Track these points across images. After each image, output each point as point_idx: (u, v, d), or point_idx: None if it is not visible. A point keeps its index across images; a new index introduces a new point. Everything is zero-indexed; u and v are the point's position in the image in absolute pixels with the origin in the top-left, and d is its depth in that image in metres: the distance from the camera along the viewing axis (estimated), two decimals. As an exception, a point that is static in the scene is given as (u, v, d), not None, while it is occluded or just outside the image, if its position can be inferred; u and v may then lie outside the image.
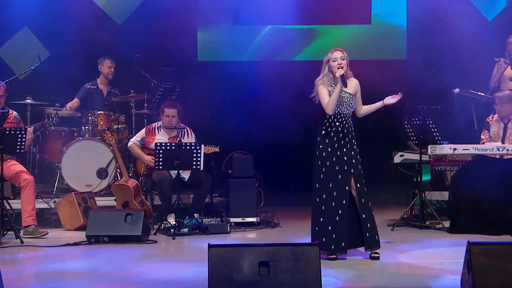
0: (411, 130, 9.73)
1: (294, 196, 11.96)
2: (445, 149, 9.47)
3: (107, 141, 10.35)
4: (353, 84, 7.74)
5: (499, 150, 9.19)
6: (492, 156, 9.34)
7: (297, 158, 12.37)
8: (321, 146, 7.69)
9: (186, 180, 9.79)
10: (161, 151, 9.26)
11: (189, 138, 10.03)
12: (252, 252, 5.63)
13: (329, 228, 7.59)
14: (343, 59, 7.65)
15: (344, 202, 7.59)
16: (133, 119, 10.98)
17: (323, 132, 7.71)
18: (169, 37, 12.28)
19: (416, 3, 12.49)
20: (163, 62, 11.93)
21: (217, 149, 9.94)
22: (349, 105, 7.68)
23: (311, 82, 12.32)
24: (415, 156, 9.90)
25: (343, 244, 7.60)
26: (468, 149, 9.41)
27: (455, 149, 9.40)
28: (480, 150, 9.32)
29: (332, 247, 7.59)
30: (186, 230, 9.22)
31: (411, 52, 12.61)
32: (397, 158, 10.10)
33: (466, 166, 9.63)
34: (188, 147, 9.29)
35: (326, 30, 12.88)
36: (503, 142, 9.36)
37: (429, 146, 9.47)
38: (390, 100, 7.82)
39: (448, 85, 11.12)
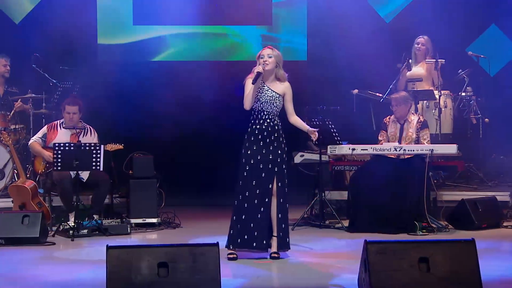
0: (311, 130, 9.81)
1: (195, 196, 11.98)
2: (344, 149, 9.58)
3: (3, 142, 10.13)
4: (284, 85, 7.73)
5: (396, 150, 9.35)
6: (390, 156, 9.50)
7: (197, 158, 12.38)
8: (247, 144, 7.69)
9: (84, 180, 9.66)
10: (59, 151, 9.11)
11: (92, 137, 9.90)
12: (150, 253, 5.60)
13: (251, 225, 7.62)
14: (270, 57, 7.62)
15: (267, 200, 7.62)
16: (31, 118, 10.79)
17: (249, 129, 7.73)
18: (69, 36, 12.09)
19: (316, 4, 12.62)
20: (63, 62, 11.77)
21: (121, 147, 9.82)
22: (273, 104, 7.66)
23: (210, 82, 12.37)
24: (315, 156, 10.01)
25: (264, 242, 7.64)
26: (367, 149, 9.54)
27: (353, 149, 9.52)
28: (378, 150, 9.47)
29: (254, 244, 7.62)
30: (85, 231, 9.08)
31: (311, 53, 12.74)
32: (298, 158, 10.20)
33: (364, 166, 9.77)
34: (87, 147, 9.17)
35: (228, 31, 12.90)
36: (400, 142, 9.53)
37: (328, 146, 9.56)
38: (312, 133, 7.86)
39: (347, 86, 11.29)
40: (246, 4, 12.71)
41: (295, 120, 7.84)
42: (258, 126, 7.68)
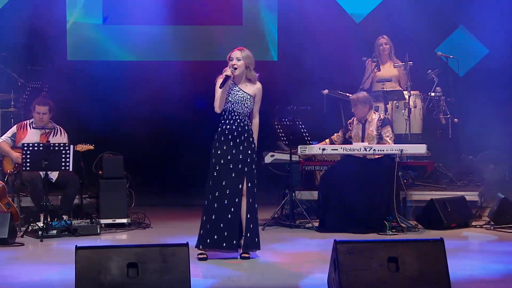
0: (281, 130, 9.83)
1: (165, 197, 11.96)
2: (314, 149, 9.61)
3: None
4: (255, 87, 7.71)
5: (366, 150, 9.38)
6: (359, 156, 9.52)
7: (167, 158, 12.37)
8: (217, 144, 7.67)
9: (53, 180, 9.61)
10: (28, 152, 9.05)
11: (62, 137, 9.85)
12: (120, 253, 5.58)
13: (221, 225, 7.60)
14: (239, 60, 7.60)
15: (237, 200, 7.60)
16: (-1, 118, 10.74)
17: (219, 129, 7.70)
18: (37, 36, 12.05)
19: (286, 5, 12.64)
20: (32, 61, 11.71)
21: (91, 147, 9.79)
22: (244, 105, 7.65)
23: (181, 82, 12.33)
24: (286, 156, 10.01)
25: (234, 242, 7.63)
26: (337, 149, 9.58)
27: (324, 149, 9.56)
28: (348, 150, 9.49)
29: (224, 244, 7.61)
30: (54, 232, 9.04)
31: (282, 53, 12.76)
32: (268, 159, 10.19)
33: (334, 166, 9.79)
34: (56, 148, 9.12)
35: (198, 31, 12.88)
36: (362, 142, 9.56)
37: (299, 146, 9.59)
38: None
39: (317, 86, 11.31)
40: (217, 4, 12.70)
41: (254, 123, 7.81)
42: (228, 127, 7.67)
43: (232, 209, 7.62)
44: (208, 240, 7.62)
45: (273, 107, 10.29)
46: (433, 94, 11.28)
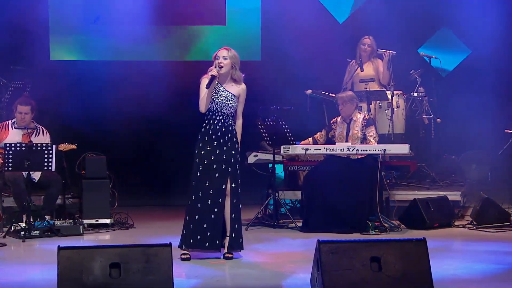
0: (264, 130, 9.82)
1: (149, 197, 11.93)
2: (298, 149, 9.62)
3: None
4: (240, 87, 7.71)
5: (349, 150, 9.39)
6: (342, 156, 9.54)
7: (151, 158, 12.35)
8: (200, 144, 7.66)
9: (36, 181, 9.57)
10: (10, 152, 9.02)
11: (44, 137, 9.81)
12: (102, 253, 5.57)
13: (204, 226, 7.59)
14: (226, 59, 7.59)
15: (220, 200, 7.60)
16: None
17: (203, 129, 7.70)
18: (20, 36, 11.99)
19: (269, 5, 12.63)
20: (14, 61, 11.65)
21: (74, 146, 9.76)
22: (228, 105, 7.65)
23: (164, 82, 12.31)
24: (269, 156, 10.02)
25: (217, 242, 7.63)
26: (320, 149, 9.59)
27: (307, 149, 9.57)
28: (331, 150, 9.51)
29: (207, 244, 7.60)
30: (37, 232, 9.01)
31: (265, 54, 12.75)
32: (251, 158, 10.20)
33: (318, 166, 9.79)
34: (39, 148, 9.09)
35: (182, 31, 12.85)
36: (346, 141, 9.58)
37: (282, 146, 9.59)
38: None
39: (301, 86, 11.31)
40: (200, 4, 12.68)
41: (238, 124, 7.81)
42: (212, 127, 7.66)
43: (216, 210, 7.62)
44: (191, 240, 7.61)
45: (256, 107, 10.28)
46: (416, 94, 11.31)
